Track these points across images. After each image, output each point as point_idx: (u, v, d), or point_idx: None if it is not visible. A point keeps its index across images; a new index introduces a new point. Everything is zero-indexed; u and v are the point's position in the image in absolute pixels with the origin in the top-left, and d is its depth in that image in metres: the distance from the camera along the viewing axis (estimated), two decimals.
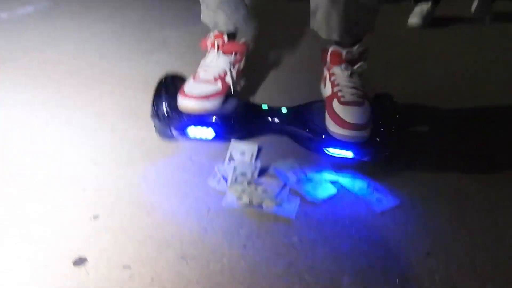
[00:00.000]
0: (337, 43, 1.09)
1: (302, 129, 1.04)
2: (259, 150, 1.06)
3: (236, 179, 0.96)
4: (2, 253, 0.81)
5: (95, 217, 0.89)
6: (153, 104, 1.05)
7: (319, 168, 1.02)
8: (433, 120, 1.22)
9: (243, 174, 0.96)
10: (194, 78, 1.11)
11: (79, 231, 0.86)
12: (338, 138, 0.96)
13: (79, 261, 0.79)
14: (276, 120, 1.08)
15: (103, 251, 0.81)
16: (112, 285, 0.75)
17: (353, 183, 0.98)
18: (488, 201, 0.94)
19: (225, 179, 0.97)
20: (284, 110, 1.09)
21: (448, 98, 1.32)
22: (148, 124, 1.11)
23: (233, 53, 1.18)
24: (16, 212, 0.89)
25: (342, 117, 0.96)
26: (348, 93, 1.01)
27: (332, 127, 0.97)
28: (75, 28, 1.83)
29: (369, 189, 0.96)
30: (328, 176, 1.00)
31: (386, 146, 0.98)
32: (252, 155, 1.03)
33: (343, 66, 1.07)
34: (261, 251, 0.82)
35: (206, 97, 1.04)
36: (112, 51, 1.63)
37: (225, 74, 1.13)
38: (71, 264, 0.79)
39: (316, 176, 0.99)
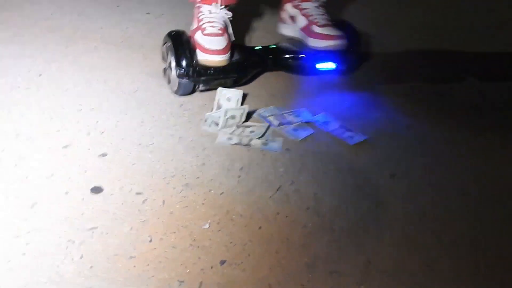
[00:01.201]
0: None
1: (296, 54, 1.27)
2: (244, 96, 1.18)
3: (227, 121, 1.08)
4: (27, 186, 0.90)
5: (104, 154, 1.00)
6: (179, 64, 1.14)
7: (298, 113, 1.16)
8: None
9: (233, 117, 1.09)
10: (202, 31, 1.18)
11: (91, 166, 0.96)
12: (326, 49, 1.24)
13: (96, 190, 0.90)
14: (271, 56, 1.27)
15: (116, 181, 0.93)
16: (129, 208, 0.87)
17: (327, 125, 1.13)
18: (444, 137, 1.12)
19: (216, 124, 1.09)
20: (274, 47, 1.29)
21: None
22: (138, 77, 1.22)
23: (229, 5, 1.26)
24: (34, 155, 0.98)
25: (325, 33, 1.24)
26: (321, 18, 1.29)
27: (319, 43, 1.24)
28: None
29: (341, 129, 1.11)
30: (306, 119, 1.14)
31: (358, 55, 1.33)
32: (237, 101, 1.15)
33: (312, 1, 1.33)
34: (253, 179, 0.96)
35: (225, 49, 1.16)
36: (90, 10, 1.67)
37: (227, 25, 1.22)
38: (89, 192, 0.90)
39: (295, 119, 1.14)
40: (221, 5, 1.21)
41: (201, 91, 1.21)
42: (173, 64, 1.16)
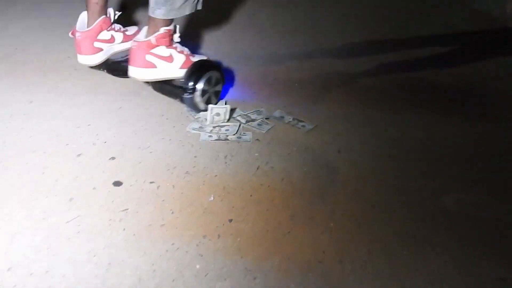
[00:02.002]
0: None
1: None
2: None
3: (213, 118, 1.35)
4: (60, 187, 1.11)
5: (113, 158, 1.22)
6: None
7: (259, 112, 1.45)
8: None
9: (218, 115, 1.36)
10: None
11: (106, 167, 1.19)
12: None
13: (117, 183, 1.13)
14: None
15: (130, 176, 1.16)
16: (148, 193, 1.11)
17: (283, 119, 1.44)
18: (373, 117, 1.47)
19: (205, 119, 1.38)
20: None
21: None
22: (116, 97, 1.46)
23: None
24: (55, 164, 1.19)
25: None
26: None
27: None
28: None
29: (294, 121, 1.43)
30: (266, 116, 1.44)
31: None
32: (225, 113, 1.41)
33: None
34: (237, 164, 1.24)
35: None
36: (54, 43, 1.86)
37: None
38: (112, 186, 1.13)
39: (258, 117, 1.43)
40: None
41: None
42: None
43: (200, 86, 1.38)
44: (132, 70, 1.37)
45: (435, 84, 1.71)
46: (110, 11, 1.49)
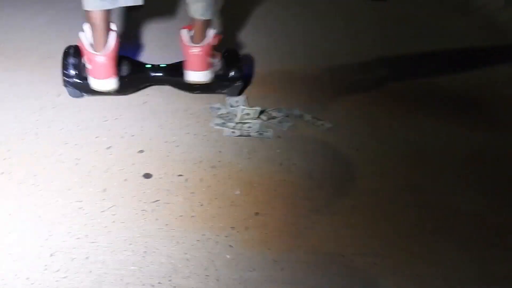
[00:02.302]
0: None
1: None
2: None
3: (242, 116, 1.40)
4: (92, 178, 1.16)
5: (141, 151, 1.28)
6: None
7: (279, 110, 1.50)
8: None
9: (248, 114, 1.41)
10: None
11: (135, 160, 1.24)
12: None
13: (147, 176, 1.19)
14: (159, 73, 1.51)
15: (159, 168, 1.21)
16: (177, 186, 1.16)
17: (302, 117, 1.48)
18: (389, 122, 1.52)
19: (235, 115, 1.43)
20: (163, 65, 1.52)
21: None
22: (141, 92, 1.50)
23: None
24: (87, 156, 1.24)
25: None
26: None
27: None
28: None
29: (314, 119, 1.48)
30: (285, 113, 1.49)
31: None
32: (244, 101, 1.48)
33: None
34: (260, 159, 1.29)
35: None
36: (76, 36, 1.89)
37: None
38: (142, 178, 1.18)
39: (278, 115, 1.48)
40: None
41: None
42: None
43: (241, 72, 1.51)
44: (195, 75, 1.45)
45: (449, 90, 1.75)
46: None
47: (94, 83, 1.39)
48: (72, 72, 1.41)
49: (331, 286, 0.95)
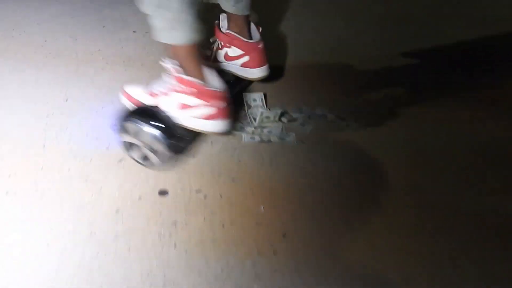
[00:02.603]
0: None
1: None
2: (264, 95, 1.40)
3: (262, 121, 1.30)
4: (103, 197, 1.07)
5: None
6: None
7: (300, 110, 1.39)
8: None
9: (268, 118, 1.31)
10: None
11: (146, 173, 1.14)
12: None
13: (163, 193, 1.09)
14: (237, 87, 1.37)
15: (176, 183, 1.12)
16: (195, 204, 1.07)
17: (326, 117, 1.37)
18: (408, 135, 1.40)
19: (254, 119, 1.32)
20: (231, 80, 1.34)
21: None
22: None
23: None
24: (96, 173, 1.15)
25: None
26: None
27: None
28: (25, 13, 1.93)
29: (338, 119, 1.36)
30: (307, 113, 1.38)
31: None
32: (262, 100, 1.37)
33: None
34: (283, 167, 1.19)
35: None
36: (80, 32, 1.79)
37: None
38: (158, 195, 1.09)
39: (299, 115, 1.37)
40: None
41: None
42: None
43: None
44: (266, 69, 1.35)
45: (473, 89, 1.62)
46: None
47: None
48: None
49: None
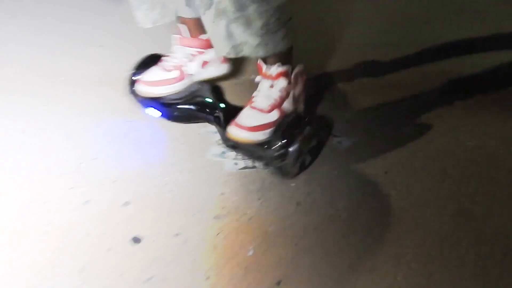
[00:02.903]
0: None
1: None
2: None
3: None
4: (71, 250, 0.93)
5: (126, 203, 1.04)
6: None
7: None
8: None
9: None
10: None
11: (116, 216, 1.00)
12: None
13: (136, 240, 0.95)
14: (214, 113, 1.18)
15: (150, 228, 0.98)
16: (174, 251, 0.93)
17: None
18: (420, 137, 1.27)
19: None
20: (222, 105, 1.19)
21: None
22: (121, 120, 1.27)
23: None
24: (58, 217, 1.00)
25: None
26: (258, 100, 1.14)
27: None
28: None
29: (330, 137, 1.23)
30: None
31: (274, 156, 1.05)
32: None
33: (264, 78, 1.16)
34: (273, 199, 1.05)
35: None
36: (46, 49, 1.62)
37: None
38: (130, 244, 0.94)
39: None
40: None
41: None
42: None
43: None
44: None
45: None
46: None
47: None
48: None
49: None
